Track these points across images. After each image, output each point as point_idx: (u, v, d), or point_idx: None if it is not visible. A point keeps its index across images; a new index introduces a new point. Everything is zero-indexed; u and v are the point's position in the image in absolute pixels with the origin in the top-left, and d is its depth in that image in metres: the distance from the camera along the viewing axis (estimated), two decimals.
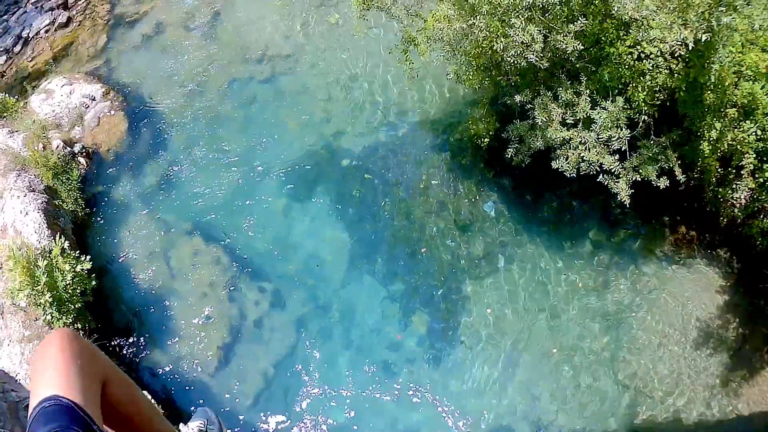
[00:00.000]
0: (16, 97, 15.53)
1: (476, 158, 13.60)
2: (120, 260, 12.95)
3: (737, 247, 11.84)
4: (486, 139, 12.30)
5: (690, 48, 8.63)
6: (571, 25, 9.37)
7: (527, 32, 9.26)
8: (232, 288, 12.37)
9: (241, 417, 10.98)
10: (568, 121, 10.24)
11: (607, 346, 11.34)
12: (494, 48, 10.04)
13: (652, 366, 11.10)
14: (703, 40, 8.62)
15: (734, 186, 10.36)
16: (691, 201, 11.90)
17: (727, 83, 9.50)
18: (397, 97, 14.85)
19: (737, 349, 11.13)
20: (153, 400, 10.71)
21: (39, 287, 10.65)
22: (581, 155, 10.13)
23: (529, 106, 10.67)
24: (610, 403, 10.82)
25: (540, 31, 9.36)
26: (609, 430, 10.66)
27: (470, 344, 11.54)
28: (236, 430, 10.80)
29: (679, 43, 8.59)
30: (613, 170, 10.08)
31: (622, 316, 11.59)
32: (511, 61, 9.89)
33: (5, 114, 14.71)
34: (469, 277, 12.25)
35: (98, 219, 13.64)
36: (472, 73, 11.58)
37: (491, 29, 9.92)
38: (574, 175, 10.36)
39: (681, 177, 10.11)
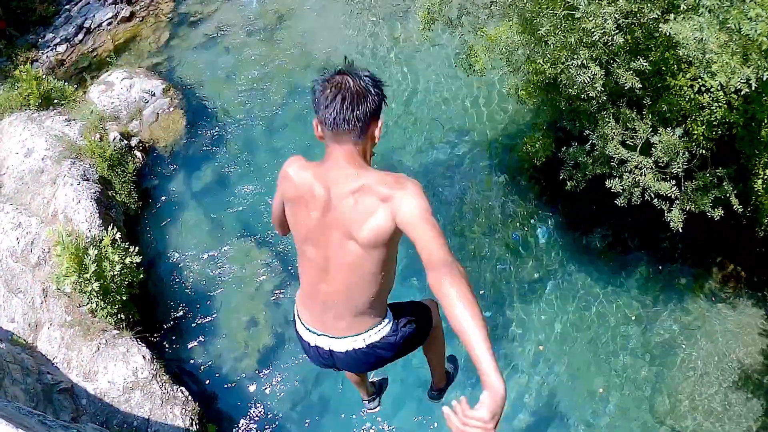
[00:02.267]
0: (75, 86, 15.77)
1: (532, 182, 13.55)
2: (168, 255, 13.08)
3: None
4: (542, 160, 12.19)
5: (753, 87, 8.52)
6: (633, 63, 9.24)
7: (589, 72, 9.15)
8: (279, 294, 12.36)
9: (276, 422, 11.01)
10: (627, 143, 10.15)
11: (648, 382, 11.20)
12: (558, 79, 9.99)
13: (689, 404, 10.93)
14: (765, 79, 8.51)
15: None
16: (741, 239, 11.68)
17: None
18: (457, 115, 14.75)
19: None
20: (190, 397, 10.84)
21: (87, 275, 10.70)
22: (637, 179, 9.99)
23: (587, 132, 10.61)
24: None
25: (601, 66, 9.24)
26: None
27: (514, 373, 11.38)
28: None
29: (743, 82, 8.47)
30: (668, 195, 9.91)
31: (664, 352, 11.43)
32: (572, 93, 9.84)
33: (63, 102, 14.97)
34: (517, 303, 12.12)
35: (150, 213, 13.80)
36: (531, 92, 11.51)
37: (556, 62, 9.85)
38: (625, 204, 10.23)
39: (738, 207, 9.92)
